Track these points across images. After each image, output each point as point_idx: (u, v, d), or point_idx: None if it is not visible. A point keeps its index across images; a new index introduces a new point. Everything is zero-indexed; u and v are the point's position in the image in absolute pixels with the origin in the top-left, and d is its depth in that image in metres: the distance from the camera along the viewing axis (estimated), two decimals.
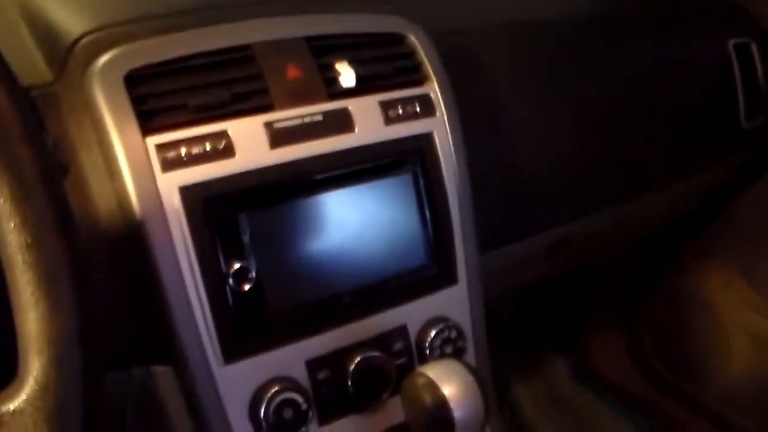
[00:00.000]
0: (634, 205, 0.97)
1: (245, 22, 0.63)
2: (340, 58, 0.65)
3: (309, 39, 0.64)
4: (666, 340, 1.26)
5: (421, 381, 0.57)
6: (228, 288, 0.58)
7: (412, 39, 0.70)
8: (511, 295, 1.21)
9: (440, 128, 0.69)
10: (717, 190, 1.11)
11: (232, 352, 0.59)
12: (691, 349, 1.22)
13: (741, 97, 1.01)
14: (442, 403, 0.56)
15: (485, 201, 0.74)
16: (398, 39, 0.70)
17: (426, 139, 0.68)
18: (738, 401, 1.17)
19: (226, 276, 0.58)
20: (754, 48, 1.03)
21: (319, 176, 0.63)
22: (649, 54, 0.95)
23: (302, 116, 0.62)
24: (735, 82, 1.01)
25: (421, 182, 0.67)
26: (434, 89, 0.69)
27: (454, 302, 0.70)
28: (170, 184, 0.56)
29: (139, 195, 0.56)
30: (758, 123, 1.03)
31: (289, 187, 0.61)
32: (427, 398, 0.56)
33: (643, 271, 1.28)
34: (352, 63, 0.65)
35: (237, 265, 0.58)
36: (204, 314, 0.57)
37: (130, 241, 0.56)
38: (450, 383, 0.57)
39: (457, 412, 0.57)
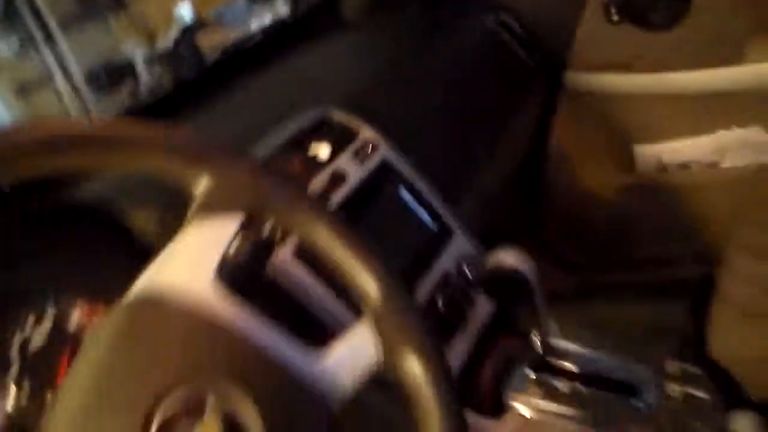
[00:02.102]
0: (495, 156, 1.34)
1: None
2: (312, 145, 0.99)
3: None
4: (567, 231, 1.63)
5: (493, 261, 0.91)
6: None
7: (343, 116, 1.04)
8: None
9: (391, 154, 1.04)
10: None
11: None
12: (583, 225, 1.60)
13: (518, 50, 1.44)
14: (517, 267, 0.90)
15: None
16: (333, 119, 1.04)
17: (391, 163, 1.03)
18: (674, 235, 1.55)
19: None
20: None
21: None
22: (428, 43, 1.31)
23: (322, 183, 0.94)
24: (508, 44, 1.44)
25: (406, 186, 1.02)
26: (370, 135, 1.04)
27: (463, 247, 1.04)
28: None
29: None
30: (537, 57, 1.46)
31: None
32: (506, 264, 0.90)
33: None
34: (319, 143, 0.99)
35: None
36: None
37: None
38: (513, 258, 0.91)
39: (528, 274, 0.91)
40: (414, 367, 0.61)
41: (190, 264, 0.58)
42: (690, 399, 0.93)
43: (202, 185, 0.60)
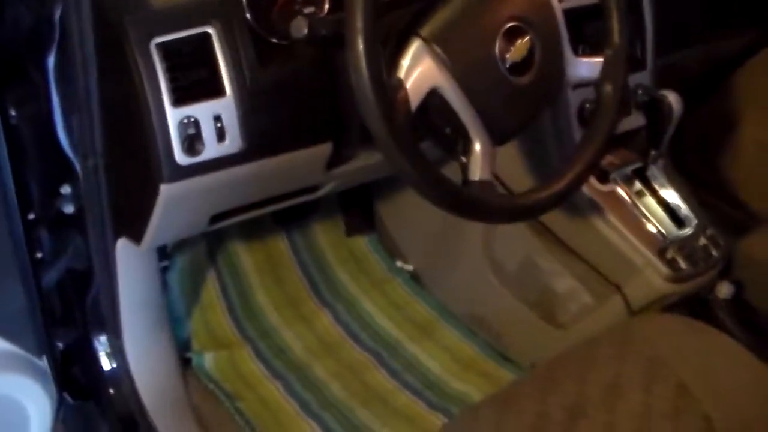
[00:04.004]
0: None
1: None
2: None
3: None
4: (701, 148, 2.01)
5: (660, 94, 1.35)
6: None
7: None
8: None
9: None
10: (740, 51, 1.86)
11: None
12: (718, 154, 1.92)
13: None
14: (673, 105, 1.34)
15: None
16: None
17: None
18: (747, 187, 1.90)
19: None
20: None
21: None
22: None
23: None
24: None
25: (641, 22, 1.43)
26: None
27: (645, 78, 1.47)
28: None
29: None
30: None
31: None
32: (668, 100, 1.34)
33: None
34: None
35: None
36: None
37: None
38: (674, 98, 1.35)
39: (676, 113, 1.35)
40: (609, 90, 1.08)
41: None
42: (708, 249, 1.41)
43: None
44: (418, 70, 0.92)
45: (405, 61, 0.93)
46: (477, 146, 0.96)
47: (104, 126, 1.10)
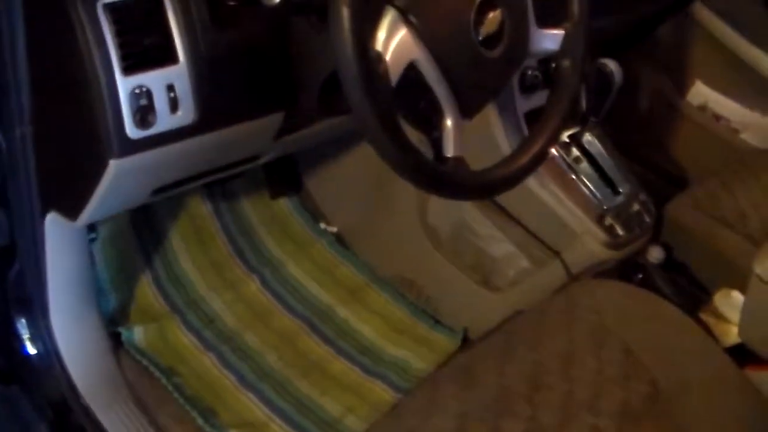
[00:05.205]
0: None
1: None
2: None
3: None
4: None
5: (601, 63, 1.36)
6: None
7: None
8: None
9: None
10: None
11: None
12: (634, 120, 1.98)
13: None
14: (614, 73, 1.35)
15: None
16: None
17: None
18: (662, 152, 1.97)
19: None
20: None
21: None
22: None
23: None
24: None
25: None
26: None
27: None
28: None
29: None
30: None
31: None
32: (608, 69, 1.35)
33: None
34: None
35: None
36: None
37: None
38: (615, 67, 1.36)
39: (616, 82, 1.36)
40: (568, 64, 1.08)
41: None
42: (641, 215, 1.44)
43: None
44: (395, 41, 0.88)
45: (381, 33, 0.89)
46: (449, 121, 0.94)
47: (37, 93, 1.01)
